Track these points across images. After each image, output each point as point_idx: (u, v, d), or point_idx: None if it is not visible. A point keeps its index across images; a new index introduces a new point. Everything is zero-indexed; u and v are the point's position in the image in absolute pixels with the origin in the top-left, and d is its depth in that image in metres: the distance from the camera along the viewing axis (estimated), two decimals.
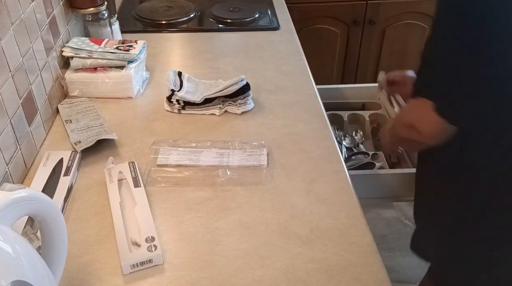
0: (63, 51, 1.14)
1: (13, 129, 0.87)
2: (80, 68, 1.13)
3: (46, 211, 0.59)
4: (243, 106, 1.09)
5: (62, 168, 0.89)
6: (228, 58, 1.34)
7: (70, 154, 0.92)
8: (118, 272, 0.72)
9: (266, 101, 1.14)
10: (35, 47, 0.99)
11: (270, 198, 0.86)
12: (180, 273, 0.72)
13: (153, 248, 0.74)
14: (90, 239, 0.78)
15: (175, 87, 1.11)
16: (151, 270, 0.73)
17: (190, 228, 0.80)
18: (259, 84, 1.20)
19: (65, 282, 0.71)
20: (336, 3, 2.07)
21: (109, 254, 0.75)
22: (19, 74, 0.90)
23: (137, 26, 1.54)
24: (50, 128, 1.05)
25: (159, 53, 1.36)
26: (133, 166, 0.90)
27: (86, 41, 1.18)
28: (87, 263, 0.74)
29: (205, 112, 1.10)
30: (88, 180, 0.90)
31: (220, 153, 0.96)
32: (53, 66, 1.09)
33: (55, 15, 1.12)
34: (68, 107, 1.10)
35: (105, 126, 1.03)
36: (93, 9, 1.23)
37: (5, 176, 0.83)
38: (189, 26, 1.55)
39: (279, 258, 0.74)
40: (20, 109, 0.91)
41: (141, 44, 1.19)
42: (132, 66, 1.14)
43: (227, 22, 1.56)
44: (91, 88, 1.13)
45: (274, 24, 1.54)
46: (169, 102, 1.10)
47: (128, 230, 0.78)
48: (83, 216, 0.82)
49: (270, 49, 1.39)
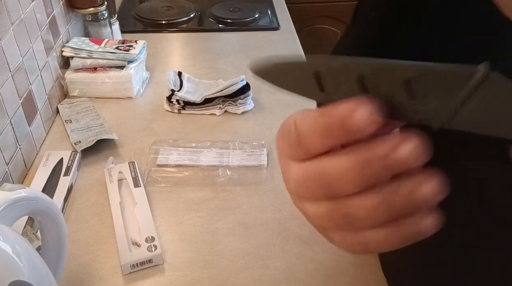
0: (63, 51, 1.14)
1: (13, 129, 0.87)
2: (80, 68, 1.13)
3: (46, 211, 0.59)
4: (243, 106, 1.09)
5: (62, 168, 0.89)
6: (228, 58, 1.34)
7: (70, 154, 0.92)
8: (118, 272, 0.72)
9: (266, 101, 1.14)
10: (35, 47, 0.99)
11: (270, 198, 0.86)
12: (180, 273, 0.72)
13: (153, 248, 0.73)
14: (90, 239, 0.78)
15: (175, 87, 1.11)
16: (151, 270, 0.73)
17: (190, 228, 0.80)
18: (259, 84, 1.20)
19: (65, 282, 0.71)
20: (336, 3, 2.07)
21: (109, 254, 0.75)
22: (19, 74, 0.90)
23: (137, 26, 1.54)
24: (50, 128, 1.05)
25: (159, 53, 1.36)
26: (133, 166, 0.90)
27: (86, 41, 1.18)
28: (87, 263, 0.74)
29: (205, 112, 1.10)
30: (88, 180, 0.90)
31: (220, 153, 0.96)
32: (53, 66, 1.09)
33: (55, 15, 1.12)
34: (68, 107, 1.10)
35: (105, 126, 1.03)
36: (93, 9, 1.23)
37: (5, 176, 0.83)
38: (189, 26, 1.55)
39: (279, 258, 0.74)
40: (20, 109, 0.91)
41: (141, 44, 1.19)
42: (132, 66, 1.14)
43: (227, 22, 1.56)
44: (91, 88, 1.13)
45: (274, 24, 1.54)
46: (169, 102, 1.10)
47: (128, 230, 0.78)
48: (83, 216, 0.82)
49: (270, 49, 1.39)
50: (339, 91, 0.25)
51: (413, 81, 0.23)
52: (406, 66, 0.23)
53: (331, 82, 0.26)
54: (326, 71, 0.26)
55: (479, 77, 0.21)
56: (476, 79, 0.21)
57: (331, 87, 0.26)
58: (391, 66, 0.23)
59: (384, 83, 0.23)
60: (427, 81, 0.22)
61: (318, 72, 0.26)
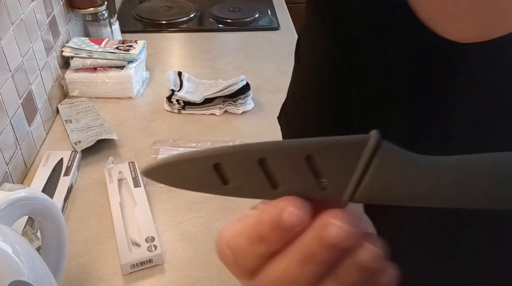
0: (63, 51, 1.14)
1: (13, 129, 0.87)
2: (80, 68, 1.13)
3: (46, 211, 0.59)
4: (243, 106, 1.09)
5: (62, 168, 0.89)
6: (228, 58, 1.34)
7: (70, 153, 0.92)
8: (118, 272, 0.72)
9: (266, 101, 1.14)
10: (35, 47, 0.99)
11: None
12: (180, 273, 0.72)
13: (153, 248, 0.73)
14: (90, 239, 0.78)
15: (175, 87, 1.11)
16: (151, 270, 0.73)
17: (190, 228, 0.80)
18: (259, 84, 1.20)
19: (65, 282, 0.71)
20: None
21: (109, 254, 0.75)
22: (19, 74, 0.90)
23: (137, 26, 1.54)
24: (50, 128, 1.05)
25: (159, 53, 1.36)
26: (133, 166, 0.90)
27: (86, 41, 1.18)
28: (87, 263, 0.74)
29: (205, 112, 1.10)
30: (88, 180, 0.90)
31: None
32: (53, 66, 1.09)
33: (55, 15, 1.12)
34: (68, 107, 1.10)
35: (105, 126, 1.03)
36: (93, 9, 1.23)
37: (5, 176, 0.83)
38: (189, 26, 1.55)
39: None
40: (20, 109, 0.91)
41: (141, 44, 1.19)
42: (132, 66, 1.14)
43: (227, 22, 1.56)
44: (91, 88, 1.13)
45: (274, 24, 1.54)
46: (169, 102, 1.10)
47: (128, 230, 0.78)
48: (83, 216, 0.82)
49: (270, 49, 1.39)
50: (245, 181, 0.24)
51: (313, 158, 0.22)
52: (304, 143, 0.22)
53: (233, 171, 0.24)
54: (226, 160, 0.24)
55: (371, 148, 0.21)
56: (368, 151, 0.21)
57: (235, 178, 0.24)
58: (290, 144, 0.23)
59: (286, 164, 0.23)
60: (326, 156, 0.22)
61: (218, 164, 0.24)
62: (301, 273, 0.23)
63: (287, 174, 0.23)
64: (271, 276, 0.25)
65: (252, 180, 0.24)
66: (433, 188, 0.22)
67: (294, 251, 0.23)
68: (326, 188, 0.23)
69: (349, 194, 0.23)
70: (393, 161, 0.22)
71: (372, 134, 0.21)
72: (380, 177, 0.22)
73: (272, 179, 0.24)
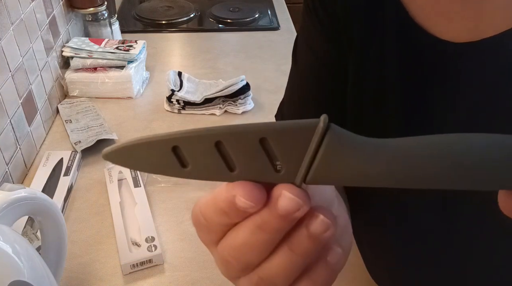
0: (63, 51, 1.14)
1: (13, 129, 0.87)
2: (80, 68, 1.13)
3: (46, 211, 0.59)
4: (243, 106, 1.09)
5: (62, 168, 0.89)
6: (228, 58, 1.34)
7: (70, 153, 0.92)
8: (118, 272, 0.72)
9: (266, 101, 1.14)
10: (35, 47, 0.99)
11: None
12: (180, 273, 0.72)
13: (153, 248, 0.73)
14: (90, 239, 0.78)
15: (175, 87, 1.11)
16: (151, 270, 0.73)
17: (190, 228, 0.80)
18: (259, 84, 1.20)
19: (65, 282, 0.71)
20: None
21: (109, 254, 0.75)
22: (19, 74, 0.90)
23: (137, 26, 1.54)
24: (50, 128, 1.05)
25: (159, 53, 1.36)
26: None
27: (86, 41, 1.18)
28: (87, 263, 0.74)
29: (205, 112, 1.10)
30: (88, 180, 0.90)
31: None
32: (53, 66, 1.09)
33: (55, 15, 1.12)
34: (68, 107, 1.10)
35: (105, 126, 1.03)
36: (93, 9, 1.23)
37: (5, 176, 0.83)
38: (189, 26, 1.55)
39: None
40: (20, 109, 0.91)
41: (141, 44, 1.19)
42: (132, 66, 1.14)
43: (227, 22, 1.56)
44: (91, 88, 1.13)
45: (274, 24, 1.54)
46: (169, 102, 1.10)
47: (128, 230, 0.78)
48: (83, 216, 0.82)
49: (270, 49, 1.39)
50: (202, 164, 0.25)
51: (267, 141, 0.23)
52: (259, 126, 0.23)
53: (191, 155, 0.25)
54: (184, 144, 0.24)
55: (320, 131, 0.22)
56: (318, 134, 0.23)
57: (193, 161, 0.25)
58: (245, 128, 0.23)
59: (241, 146, 0.24)
60: (279, 140, 0.23)
61: (176, 147, 0.24)
62: (256, 240, 0.25)
63: (243, 157, 0.24)
64: (231, 243, 0.27)
65: (209, 162, 0.25)
66: (380, 169, 0.23)
67: (251, 220, 0.25)
68: (280, 171, 0.24)
69: (301, 176, 0.24)
70: (342, 143, 0.23)
71: (322, 118, 0.23)
72: (330, 158, 0.23)
73: (228, 161, 0.24)
